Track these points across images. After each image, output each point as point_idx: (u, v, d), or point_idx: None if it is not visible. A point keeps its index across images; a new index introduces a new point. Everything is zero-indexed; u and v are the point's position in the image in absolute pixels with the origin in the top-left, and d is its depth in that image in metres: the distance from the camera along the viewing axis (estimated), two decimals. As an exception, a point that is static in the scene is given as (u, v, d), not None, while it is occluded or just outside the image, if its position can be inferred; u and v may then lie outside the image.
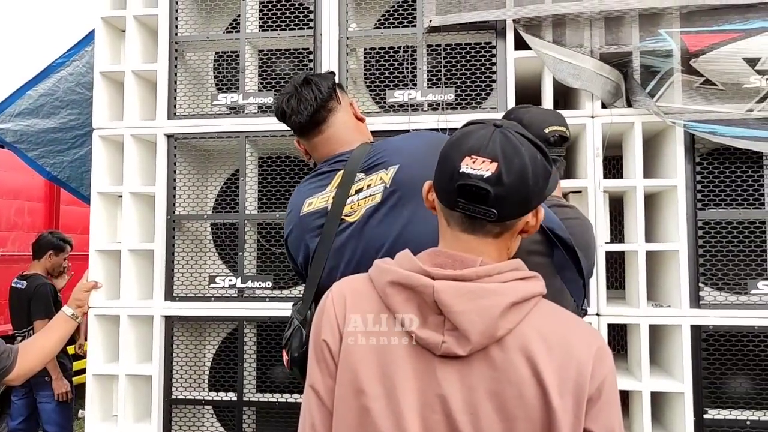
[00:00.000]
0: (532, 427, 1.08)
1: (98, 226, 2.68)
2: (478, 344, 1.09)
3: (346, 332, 1.19)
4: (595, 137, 2.39)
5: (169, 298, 2.59)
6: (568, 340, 1.12)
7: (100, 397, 2.64)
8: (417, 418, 1.11)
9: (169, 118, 2.65)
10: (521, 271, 1.18)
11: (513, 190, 1.12)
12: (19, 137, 3.73)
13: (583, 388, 1.09)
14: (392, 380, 1.13)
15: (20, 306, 4.58)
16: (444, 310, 1.11)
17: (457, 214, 1.17)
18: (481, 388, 1.09)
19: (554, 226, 1.73)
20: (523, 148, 1.15)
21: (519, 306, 1.12)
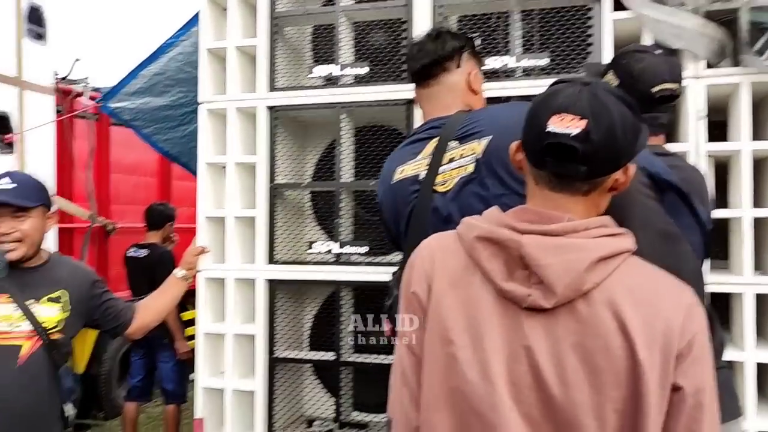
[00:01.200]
0: (617, 380, 1.08)
1: (205, 195, 2.85)
2: (563, 297, 1.11)
3: (434, 285, 1.23)
4: (697, 99, 2.29)
5: (271, 263, 2.73)
6: (656, 296, 1.12)
7: (209, 354, 2.83)
8: (503, 368, 1.14)
9: (269, 90, 2.77)
10: (609, 227, 1.18)
11: (602, 147, 1.12)
12: (134, 115, 3.99)
13: (671, 343, 1.08)
14: (479, 331, 1.17)
15: (142, 274, 4.90)
16: (530, 263, 1.13)
17: (545, 173, 1.18)
18: (566, 340, 1.11)
19: (659, 170, 1.68)
20: (611, 105, 1.14)
21: (606, 261, 1.12)
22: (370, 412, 2.69)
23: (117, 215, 6.45)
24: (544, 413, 1.12)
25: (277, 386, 2.73)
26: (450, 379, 1.19)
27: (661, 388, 1.08)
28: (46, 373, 2.07)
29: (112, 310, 2.27)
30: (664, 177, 1.59)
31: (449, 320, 1.19)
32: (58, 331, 2.09)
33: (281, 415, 2.73)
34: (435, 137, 1.84)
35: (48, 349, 2.06)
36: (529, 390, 1.13)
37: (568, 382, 1.10)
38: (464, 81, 1.91)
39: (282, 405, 2.74)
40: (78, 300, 2.16)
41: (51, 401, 2.10)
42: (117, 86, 4.01)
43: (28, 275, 2.09)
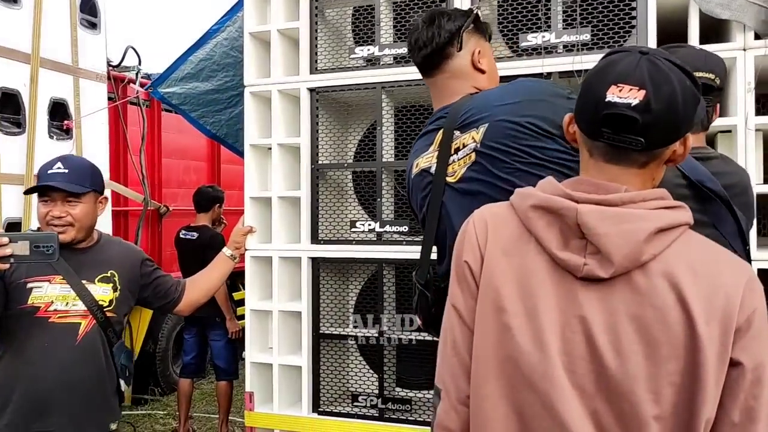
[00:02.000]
0: (675, 353, 1.07)
1: (251, 176, 2.93)
2: (621, 267, 1.09)
3: (487, 253, 1.22)
4: (747, 71, 2.23)
5: (315, 242, 2.79)
6: (716, 269, 1.11)
7: (258, 330, 2.92)
8: (557, 337, 1.13)
9: (311, 72, 2.82)
10: (667, 200, 1.16)
11: (662, 118, 1.10)
12: (183, 99, 4.10)
13: (731, 317, 1.07)
14: (533, 300, 1.15)
15: (194, 255, 5.03)
16: (587, 233, 1.11)
17: (602, 144, 1.16)
18: (622, 311, 1.10)
19: (703, 178, 1.65)
20: (671, 74, 1.12)
21: (665, 233, 1.11)
22: (412, 388, 2.73)
23: (169, 198, 6.64)
24: (597, 384, 1.11)
25: (323, 362, 2.81)
26: (503, 347, 1.18)
27: (721, 362, 1.06)
28: (102, 350, 2.15)
29: (161, 287, 2.35)
30: (708, 185, 1.56)
31: (502, 289, 1.18)
32: (111, 310, 2.17)
33: (327, 389, 2.80)
34: (441, 128, 1.79)
35: (103, 327, 2.15)
36: (583, 360, 1.12)
37: (623, 353, 1.09)
38: (469, 63, 1.81)
39: (328, 380, 2.81)
40: (128, 279, 2.24)
41: (109, 377, 2.18)
42: (166, 72, 4.11)
43: (80, 256, 2.17)
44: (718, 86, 1.73)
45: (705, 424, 1.07)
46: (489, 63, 1.84)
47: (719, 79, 1.73)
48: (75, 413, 2.07)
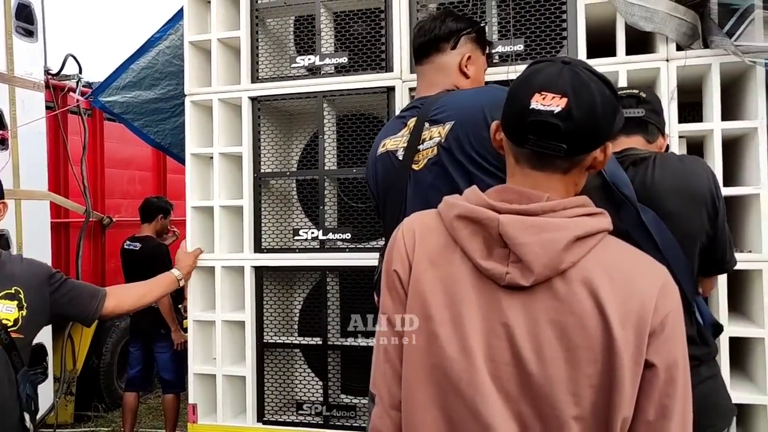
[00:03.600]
0: (593, 356, 1.12)
1: (193, 185, 2.91)
2: (541, 276, 1.14)
3: (414, 262, 1.26)
4: (670, 81, 2.34)
5: (258, 251, 2.79)
6: (631, 274, 1.16)
7: (201, 341, 2.90)
8: (482, 344, 1.17)
9: (252, 81, 2.82)
10: (588, 207, 1.21)
11: (583, 125, 1.15)
12: (125, 108, 4.03)
13: (645, 321, 1.12)
14: (458, 308, 1.19)
15: (136, 265, 4.97)
16: (509, 242, 1.16)
17: (527, 150, 1.20)
18: (543, 318, 1.14)
19: (619, 182, 1.73)
20: (591, 83, 1.17)
21: (583, 240, 1.16)
22: (357, 394, 2.75)
23: (113, 209, 6.52)
24: (521, 389, 1.15)
25: (267, 371, 2.80)
26: (430, 355, 1.22)
27: (635, 364, 1.12)
28: (5, 376, 1.95)
29: (76, 300, 2.22)
30: (623, 191, 1.67)
31: (429, 297, 1.22)
32: (16, 330, 2.00)
33: (272, 399, 2.79)
34: (415, 117, 1.93)
35: (7, 350, 1.96)
36: (507, 366, 1.16)
37: (544, 358, 1.13)
38: (456, 63, 1.97)
39: (272, 389, 2.80)
40: (36, 296, 2.08)
41: (10, 408, 1.98)
42: (107, 80, 4.04)
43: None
44: (645, 99, 1.84)
45: (622, 423, 1.13)
46: (476, 71, 2.00)
47: (644, 94, 1.85)
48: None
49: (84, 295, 2.26)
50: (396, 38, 2.62)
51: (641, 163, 1.74)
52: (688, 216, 1.70)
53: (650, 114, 1.85)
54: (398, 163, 1.93)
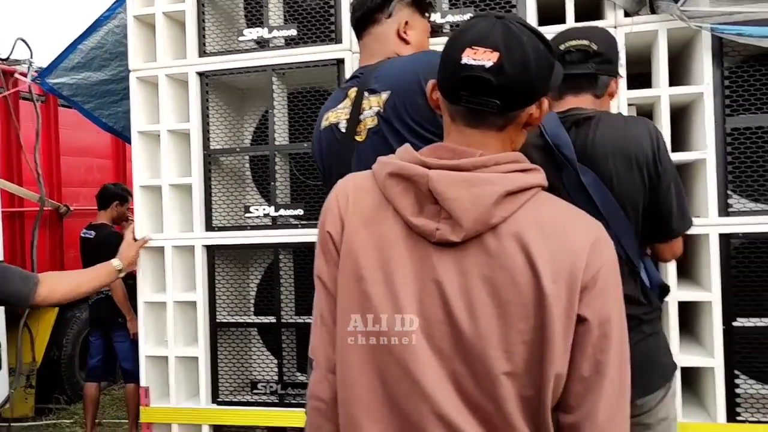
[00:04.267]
0: (524, 311, 1.10)
1: (140, 164, 2.83)
2: (471, 231, 1.11)
3: (347, 223, 1.22)
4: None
5: (209, 229, 2.73)
6: (563, 229, 1.14)
7: (152, 323, 2.83)
8: (414, 302, 1.15)
9: (199, 56, 2.75)
10: (522, 163, 1.18)
11: (515, 80, 1.13)
12: (74, 90, 3.91)
13: (576, 275, 1.10)
14: (390, 267, 1.16)
15: (90, 254, 4.88)
16: (438, 197, 1.13)
17: (461, 107, 1.17)
18: (475, 274, 1.12)
19: (561, 143, 1.72)
20: (524, 37, 1.14)
21: (515, 195, 1.13)
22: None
23: (70, 198, 6.36)
24: (454, 346, 1.13)
25: (221, 351, 2.75)
26: (361, 310, 1.19)
27: (567, 318, 1.10)
28: None
29: (8, 281, 2.23)
30: (563, 151, 1.66)
31: (361, 257, 1.19)
32: None
33: (226, 379, 2.74)
34: (355, 87, 1.90)
35: None
36: (440, 324, 1.14)
37: (476, 314, 1.11)
38: (394, 31, 1.95)
39: (226, 369, 2.76)
40: None
41: None
42: (54, 62, 3.91)
43: None
44: (596, 51, 1.76)
45: (555, 379, 1.11)
46: (417, 36, 1.97)
47: (596, 45, 1.76)
48: None
49: (16, 277, 2.25)
50: (345, 9, 2.57)
51: (584, 123, 1.72)
52: (629, 178, 1.69)
53: (602, 66, 1.79)
54: (341, 136, 1.90)
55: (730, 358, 2.26)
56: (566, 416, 1.17)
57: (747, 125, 2.26)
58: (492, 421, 1.14)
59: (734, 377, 2.27)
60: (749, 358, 2.31)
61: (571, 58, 1.77)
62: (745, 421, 2.26)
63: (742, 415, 2.27)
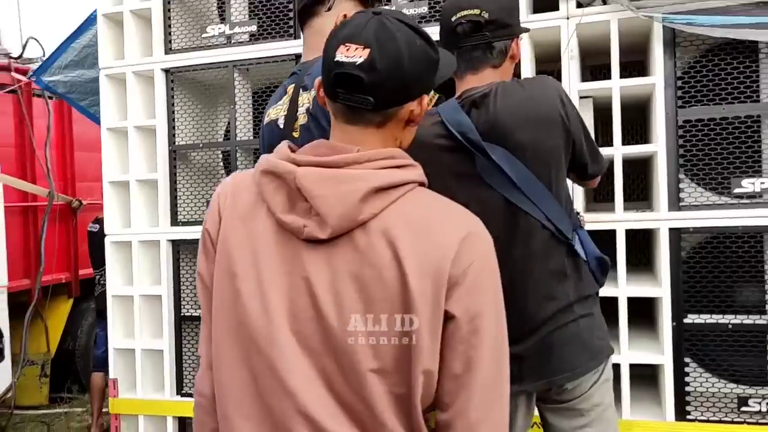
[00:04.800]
0: (390, 308, 1.09)
1: (109, 160, 2.89)
2: (337, 228, 1.10)
3: (224, 220, 1.22)
4: (570, 39, 2.29)
5: (174, 224, 2.78)
6: (433, 224, 1.12)
7: (121, 316, 2.90)
8: (283, 299, 1.14)
9: (165, 53, 2.79)
10: (398, 159, 1.16)
11: (387, 76, 1.11)
12: (69, 88, 4.02)
13: (443, 272, 1.08)
14: (261, 264, 1.16)
15: (95, 247, 4.98)
16: (305, 195, 1.12)
17: (340, 105, 1.16)
18: (343, 271, 1.11)
19: (465, 129, 1.70)
20: (398, 33, 1.12)
21: (385, 192, 1.12)
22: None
23: (85, 193, 6.50)
24: (323, 343, 1.12)
25: (186, 344, 2.80)
26: (235, 313, 1.18)
27: (433, 315, 1.08)
28: None
29: None
30: (468, 136, 1.64)
31: (235, 254, 1.19)
32: None
33: (190, 371, 2.79)
34: (294, 83, 1.89)
35: None
36: (309, 321, 1.13)
37: (344, 311, 1.10)
38: (333, 24, 1.91)
39: (191, 362, 2.80)
40: None
41: None
42: (48, 60, 4.03)
43: None
44: (488, 20, 1.68)
45: (425, 376, 1.10)
46: None
47: (487, 13, 1.68)
48: None
49: None
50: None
51: (482, 101, 1.67)
52: (542, 141, 1.65)
53: (497, 32, 1.71)
54: (279, 132, 1.90)
55: (680, 355, 2.21)
56: (441, 414, 1.15)
57: (699, 117, 2.20)
58: (363, 419, 1.12)
59: (684, 375, 2.22)
60: (700, 355, 2.25)
61: (463, 30, 1.69)
62: (695, 419, 2.20)
63: (692, 414, 2.21)
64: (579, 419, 1.76)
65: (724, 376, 2.24)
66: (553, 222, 1.70)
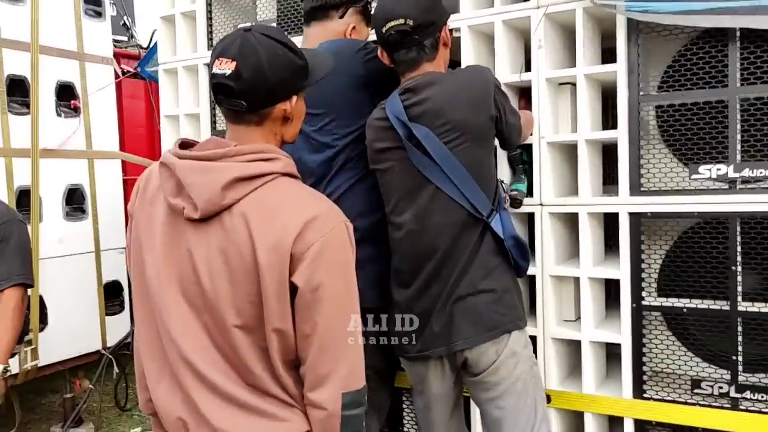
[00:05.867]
0: (248, 277, 1.37)
1: (166, 143, 3.35)
2: (205, 210, 1.38)
3: (138, 203, 1.55)
4: (539, 29, 2.38)
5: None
6: (283, 209, 1.38)
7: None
8: (173, 267, 1.45)
9: (207, 49, 3.19)
10: (266, 153, 1.43)
11: (253, 84, 1.38)
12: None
13: (286, 249, 1.34)
14: (157, 238, 1.47)
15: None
16: (183, 183, 1.42)
17: (224, 108, 1.46)
18: (215, 245, 1.40)
19: (397, 115, 1.93)
20: (260, 46, 1.39)
21: (248, 181, 1.39)
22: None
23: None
24: (203, 303, 1.42)
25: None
26: (142, 277, 1.51)
27: (279, 284, 1.35)
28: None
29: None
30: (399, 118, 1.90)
31: (141, 230, 1.51)
32: None
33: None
34: None
35: None
36: (192, 284, 1.43)
37: (214, 278, 1.40)
38: (342, 31, 2.25)
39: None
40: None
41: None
42: (149, 53, 4.62)
43: None
44: (413, 26, 1.89)
45: (276, 333, 1.38)
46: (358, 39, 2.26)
47: (412, 20, 1.88)
48: None
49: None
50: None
51: (415, 89, 1.92)
52: (469, 121, 1.88)
53: (424, 33, 1.92)
54: None
55: (639, 335, 2.28)
56: (301, 368, 1.44)
57: (659, 103, 2.23)
58: (237, 366, 1.43)
59: (642, 355, 2.28)
60: (659, 336, 2.31)
61: (395, 39, 1.93)
62: (650, 398, 2.27)
63: (647, 393, 2.28)
64: (489, 392, 1.95)
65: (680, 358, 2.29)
66: (470, 199, 1.89)
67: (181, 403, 1.46)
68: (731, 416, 2.14)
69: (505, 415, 1.94)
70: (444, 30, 1.99)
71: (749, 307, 2.12)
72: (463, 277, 1.90)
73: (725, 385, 2.16)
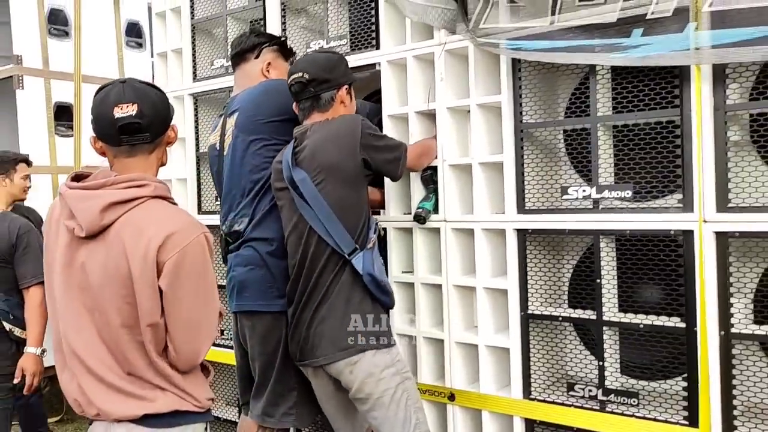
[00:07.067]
0: (124, 283, 1.71)
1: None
2: (89, 229, 1.69)
3: (48, 224, 1.89)
4: (441, 63, 2.64)
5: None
6: (149, 226, 1.69)
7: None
8: (71, 276, 1.75)
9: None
10: (138, 180, 1.74)
11: (153, 117, 1.75)
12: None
13: (152, 259, 1.68)
14: (59, 252, 1.77)
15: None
16: (72, 208, 1.74)
17: (124, 147, 1.75)
18: (100, 258, 1.72)
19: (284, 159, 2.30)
20: (146, 89, 1.78)
21: (121, 204, 1.70)
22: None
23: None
24: (94, 306, 1.73)
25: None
26: (50, 284, 1.82)
27: (149, 288, 1.70)
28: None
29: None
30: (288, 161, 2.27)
31: (49, 247, 1.87)
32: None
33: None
34: (223, 113, 2.64)
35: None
36: (85, 290, 1.74)
37: (101, 285, 1.75)
38: (259, 69, 2.64)
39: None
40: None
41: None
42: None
43: None
44: (309, 79, 2.28)
45: (150, 328, 1.73)
46: (277, 75, 2.66)
47: (308, 74, 2.28)
48: None
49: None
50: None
51: (301, 136, 2.28)
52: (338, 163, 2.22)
53: (319, 87, 2.29)
54: (216, 152, 2.65)
55: (527, 341, 2.50)
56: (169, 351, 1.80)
57: (536, 129, 2.45)
58: (119, 358, 1.79)
59: (528, 359, 2.50)
60: (542, 342, 2.52)
61: (296, 89, 2.32)
62: (535, 399, 2.49)
63: (533, 393, 2.50)
64: (362, 405, 2.30)
65: (558, 362, 2.49)
66: (334, 237, 2.22)
67: (77, 388, 1.83)
68: (599, 417, 2.34)
69: (381, 424, 2.26)
70: (341, 90, 2.34)
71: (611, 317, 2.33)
72: (325, 302, 2.24)
73: (594, 388, 2.36)
